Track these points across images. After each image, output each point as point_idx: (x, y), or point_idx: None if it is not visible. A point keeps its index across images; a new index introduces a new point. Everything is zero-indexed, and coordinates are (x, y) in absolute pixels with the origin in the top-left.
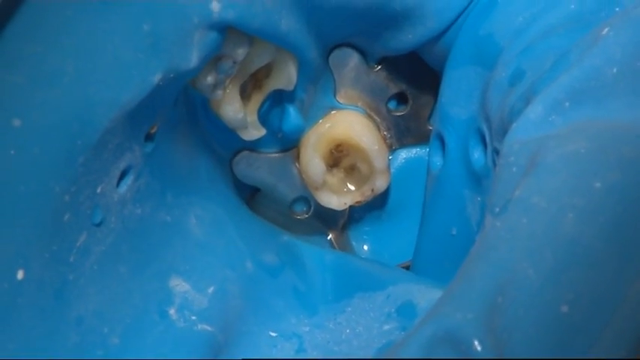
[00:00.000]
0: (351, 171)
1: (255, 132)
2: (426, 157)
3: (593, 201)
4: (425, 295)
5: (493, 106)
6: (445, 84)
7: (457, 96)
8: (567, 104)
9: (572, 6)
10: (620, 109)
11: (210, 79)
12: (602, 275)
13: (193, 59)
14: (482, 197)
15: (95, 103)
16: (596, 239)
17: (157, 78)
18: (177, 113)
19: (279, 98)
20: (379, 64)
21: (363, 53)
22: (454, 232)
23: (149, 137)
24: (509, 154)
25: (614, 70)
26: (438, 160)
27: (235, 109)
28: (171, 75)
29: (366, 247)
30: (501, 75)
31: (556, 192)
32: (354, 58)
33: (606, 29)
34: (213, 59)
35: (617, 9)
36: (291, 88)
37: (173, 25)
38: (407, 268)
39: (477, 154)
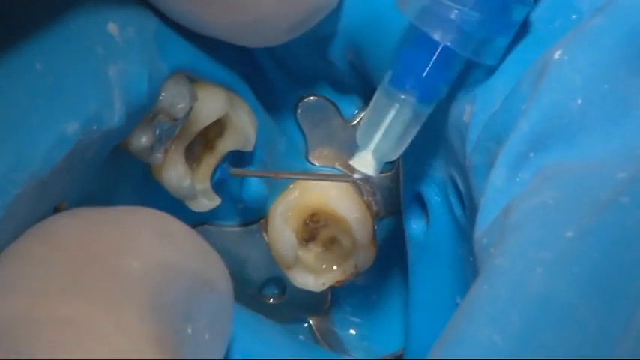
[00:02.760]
0: (331, 245)
1: (207, 202)
2: None
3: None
4: None
5: (456, 147)
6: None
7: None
8: (532, 155)
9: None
10: (594, 144)
11: (144, 140)
12: (581, 335)
13: (116, 111)
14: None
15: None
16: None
17: (71, 129)
18: (112, 181)
19: (237, 161)
20: (357, 117)
21: (336, 105)
22: (458, 301)
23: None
24: (482, 236)
25: (579, 101)
26: (418, 226)
27: (179, 176)
28: (94, 127)
29: (353, 332)
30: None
31: (520, 249)
32: (327, 111)
33: (558, 52)
34: (147, 116)
35: (574, 16)
36: (249, 148)
37: (72, 59)
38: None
39: (457, 211)
